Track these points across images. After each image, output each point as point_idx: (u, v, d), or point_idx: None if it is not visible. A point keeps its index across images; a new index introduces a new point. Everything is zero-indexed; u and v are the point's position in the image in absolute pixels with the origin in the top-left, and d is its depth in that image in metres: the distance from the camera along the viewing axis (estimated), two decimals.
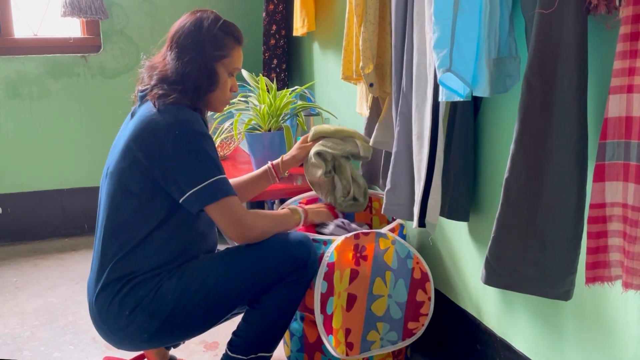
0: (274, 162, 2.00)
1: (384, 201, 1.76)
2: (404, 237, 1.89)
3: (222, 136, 2.65)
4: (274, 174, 1.99)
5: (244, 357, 1.66)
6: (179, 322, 1.59)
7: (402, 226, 1.91)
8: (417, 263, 1.81)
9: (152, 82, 1.63)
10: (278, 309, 1.64)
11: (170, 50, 1.64)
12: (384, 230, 1.83)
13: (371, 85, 1.88)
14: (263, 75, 2.55)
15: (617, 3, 1.03)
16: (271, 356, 1.71)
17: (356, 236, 1.75)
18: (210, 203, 1.53)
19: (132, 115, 1.65)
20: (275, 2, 3.12)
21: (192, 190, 1.52)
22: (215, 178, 1.54)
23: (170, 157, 1.52)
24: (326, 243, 1.77)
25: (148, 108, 1.59)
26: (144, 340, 1.61)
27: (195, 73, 1.60)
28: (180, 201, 1.54)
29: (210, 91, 1.64)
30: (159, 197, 1.57)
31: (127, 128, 1.63)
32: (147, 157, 1.54)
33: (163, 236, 1.59)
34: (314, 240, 1.78)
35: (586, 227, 1.11)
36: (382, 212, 1.80)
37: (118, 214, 1.59)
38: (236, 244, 1.65)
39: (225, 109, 1.86)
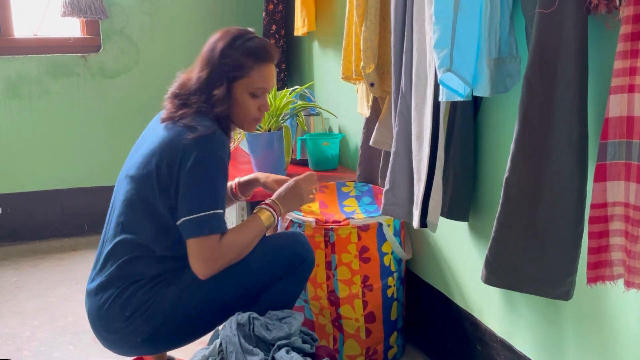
0: (234, 184, 1.92)
1: (383, 201, 1.76)
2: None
3: None
4: (234, 194, 1.93)
5: None
6: (175, 327, 1.59)
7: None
8: None
9: (177, 97, 1.64)
10: (277, 305, 1.64)
11: (197, 65, 1.66)
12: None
13: (372, 84, 1.88)
14: None
15: (618, 3, 1.04)
16: None
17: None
18: (195, 236, 1.52)
19: (162, 122, 1.64)
20: (275, 2, 3.12)
21: (187, 218, 1.52)
22: (211, 212, 1.53)
23: (186, 177, 1.52)
24: (300, 225, 1.90)
25: (176, 122, 1.60)
26: (136, 345, 1.61)
27: (214, 90, 1.61)
28: (177, 224, 1.55)
29: (228, 112, 1.63)
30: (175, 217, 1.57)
31: (154, 135, 1.63)
32: (169, 173, 1.55)
33: (174, 245, 1.60)
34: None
35: (587, 227, 1.11)
36: (380, 213, 1.80)
37: (135, 221, 1.60)
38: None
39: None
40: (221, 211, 1.56)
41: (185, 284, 1.59)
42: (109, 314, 1.58)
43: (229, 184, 1.91)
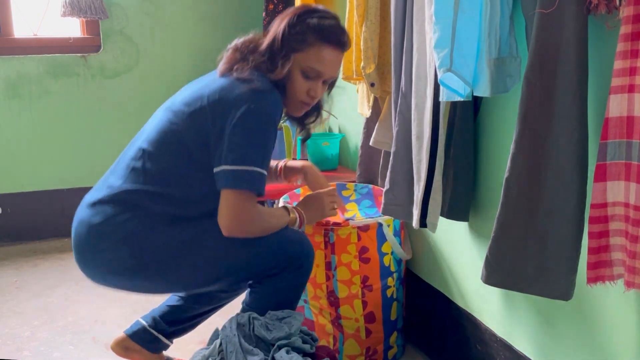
0: (282, 163, 1.89)
1: (383, 201, 1.76)
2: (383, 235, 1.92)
3: None
4: (277, 173, 1.89)
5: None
6: (157, 271, 1.56)
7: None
8: None
9: (238, 51, 1.62)
10: (278, 307, 1.63)
11: (269, 31, 1.64)
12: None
13: (372, 84, 1.88)
14: None
15: (618, 3, 1.04)
16: None
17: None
18: (232, 187, 1.49)
19: (219, 73, 1.61)
20: (275, 2, 3.12)
21: (228, 167, 1.49)
22: (254, 168, 1.50)
23: (234, 123, 1.49)
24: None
25: (232, 73, 1.58)
26: (114, 272, 1.57)
27: (276, 57, 1.58)
28: (214, 170, 1.52)
29: (283, 82, 1.59)
30: (206, 167, 1.54)
31: (205, 82, 1.61)
32: (214, 114, 1.52)
33: (189, 188, 1.57)
34: None
35: (587, 227, 1.11)
36: (380, 213, 1.80)
37: (160, 150, 1.58)
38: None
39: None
40: (265, 172, 1.52)
41: (183, 237, 1.55)
42: (100, 229, 1.55)
43: (277, 163, 1.88)
